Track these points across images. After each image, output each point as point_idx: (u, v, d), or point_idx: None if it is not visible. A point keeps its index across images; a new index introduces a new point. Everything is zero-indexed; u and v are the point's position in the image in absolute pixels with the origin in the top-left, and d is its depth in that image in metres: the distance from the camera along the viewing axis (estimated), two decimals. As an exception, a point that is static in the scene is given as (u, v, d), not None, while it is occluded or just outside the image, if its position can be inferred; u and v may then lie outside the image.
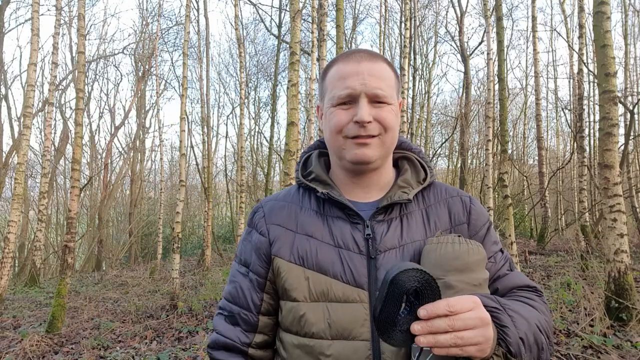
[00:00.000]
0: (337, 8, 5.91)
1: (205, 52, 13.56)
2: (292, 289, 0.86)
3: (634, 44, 15.37)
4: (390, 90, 0.88)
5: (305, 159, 1.03)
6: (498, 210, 10.05)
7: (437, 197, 0.96)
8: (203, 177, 12.54)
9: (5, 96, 14.04)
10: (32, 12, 6.86)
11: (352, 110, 0.87)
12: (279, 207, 0.96)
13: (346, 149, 0.88)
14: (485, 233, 0.94)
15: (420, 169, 0.98)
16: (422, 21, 16.31)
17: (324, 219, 0.91)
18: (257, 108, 19.76)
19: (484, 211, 0.97)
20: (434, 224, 0.91)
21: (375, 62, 0.89)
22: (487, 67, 7.58)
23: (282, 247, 0.89)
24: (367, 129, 0.85)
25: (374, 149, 0.87)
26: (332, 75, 0.92)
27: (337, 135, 0.89)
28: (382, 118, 0.86)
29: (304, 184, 0.96)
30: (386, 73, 0.89)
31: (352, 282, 0.83)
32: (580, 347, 3.37)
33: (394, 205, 0.90)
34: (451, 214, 0.93)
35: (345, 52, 0.94)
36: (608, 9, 4.12)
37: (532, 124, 17.64)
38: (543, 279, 6.48)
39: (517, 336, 0.72)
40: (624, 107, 7.48)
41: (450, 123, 17.03)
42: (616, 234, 3.85)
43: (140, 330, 5.10)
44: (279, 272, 0.88)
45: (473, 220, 0.94)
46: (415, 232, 0.89)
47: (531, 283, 0.92)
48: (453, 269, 0.78)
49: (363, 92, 0.86)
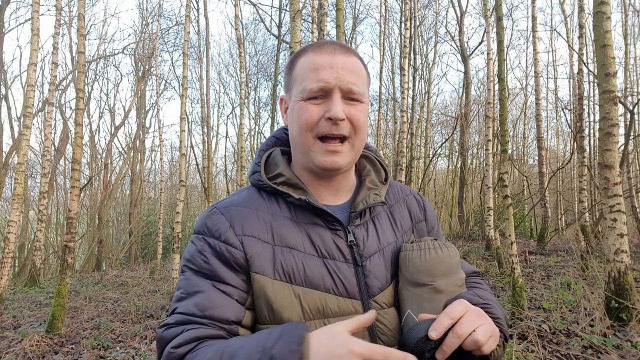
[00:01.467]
0: (337, 8, 5.90)
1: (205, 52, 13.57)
2: (283, 309, 0.76)
3: (634, 44, 15.38)
4: (363, 88, 0.83)
5: (266, 157, 0.92)
6: (498, 210, 10.03)
7: (396, 197, 0.97)
8: (203, 177, 12.54)
9: (5, 96, 14.04)
10: (32, 12, 6.86)
11: (324, 105, 0.80)
12: (246, 215, 0.82)
13: (314, 151, 0.82)
14: (437, 227, 0.99)
15: (380, 168, 0.96)
16: (422, 21, 16.31)
17: (300, 227, 0.82)
18: (257, 108, 19.80)
19: (432, 207, 1.02)
20: (400, 224, 0.92)
21: (349, 56, 0.83)
22: (487, 67, 7.59)
23: (264, 264, 0.78)
24: (339, 127, 0.79)
25: (344, 156, 0.82)
26: (302, 65, 0.83)
27: (307, 134, 0.81)
28: (355, 118, 0.81)
29: (270, 187, 0.85)
30: (360, 69, 0.84)
31: (345, 294, 0.79)
32: (580, 347, 3.37)
33: (367, 209, 0.88)
34: (411, 213, 0.96)
35: (316, 42, 0.87)
36: (608, 9, 4.12)
37: (532, 124, 17.64)
38: (543, 279, 6.47)
39: (505, 323, 0.78)
40: (624, 107, 7.48)
41: (450, 123, 17.03)
42: (616, 234, 3.85)
43: (140, 330, 5.10)
44: (263, 292, 0.77)
45: (428, 216, 0.98)
46: (387, 234, 0.89)
47: (475, 268, 0.99)
48: (440, 273, 0.80)
49: (337, 86, 0.79)
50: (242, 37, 14.16)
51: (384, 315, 0.81)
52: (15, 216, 6.66)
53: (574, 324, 3.94)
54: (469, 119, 14.68)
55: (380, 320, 0.81)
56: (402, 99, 8.96)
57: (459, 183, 16.03)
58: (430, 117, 17.36)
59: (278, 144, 0.95)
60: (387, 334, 0.81)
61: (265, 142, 0.96)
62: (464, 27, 15.33)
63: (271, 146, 0.94)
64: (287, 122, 0.89)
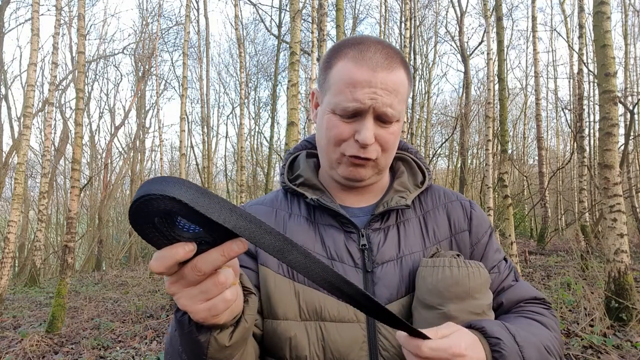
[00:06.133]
0: (337, 8, 5.91)
1: (205, 52, 13.58)
2: (280, 305, 0.75)
3: (634, 44, 15.39)
4: (401, 106, 0.78)
5: (292, 160, 0.93)
6: (498, 210, 10.04)
7: (435, 202, 0.88)
8: (203, 177, 12.54)
9: (5, 96, 14.04)
10: (32, 12, 6.85)
11: (355, 125, 0.76)
12: (264, 213, 0.86)
13: (341, 164, 0.80)
14: (487, 240, 0.86)
15: (418, 171, 0.90)
16: (422, 21, 16.31)
17: (315, 227, 0.82)
18: (257, 108, 19.78)
19: (485, 216, 0.89)
20: (433, 232, 0.83)
21: (392, 70, 0.76)
22: (487, 67, 7.58)
23: (269, 257, 0.78)
24: (367, 151, 0.77)
25: (369, 170, 0.80)
26: (339, 73, 0.77)
27: (335, 148, 0.79)
28: (384, 140, 0.77)
29: (291, 189, 0.86)
30: (401, 84, 0.77)
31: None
32: (580, 347, 3.37)
33: (390, 212, 0.83)
34: (451, 221, 0.86)
35: (358, 42, 0.78)
36: (608, 9, 4.12)
37: (532, 124, 17.65)
38: (543, 279, 6.48)
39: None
40: (624, 107, 7.47)
41: (450, 123, 17.03)
42: (616, 234, 3.85)
43: (140, 330, 5.10)
44: (264, 283, 0.77)
45: (474, 226, 0.86)
46: (413, 242, 0.81)
47: (539, 295, 0.84)
48: (453, 296, 0.71)
49: (372, 107, 0.74)
50: (242, 37, 14.16)
51: (389, 329, 0.74)
52: (15, 216, 6.66)
53: (574, 324, 3.94)
54: (469, 119, 14.67)
55: (383, 334, 0.74)
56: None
57: (459, 183, 16.02)
58: (430, 117, 17.36)
59: (308, 147, 0.94)
60: (391, 351, 0.74)
61: (295, 146, 0.96)
62: (464, 27, 15.32)
63: (300, 149, 0.94)
64: (315, 120, 0.86)
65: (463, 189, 15.78)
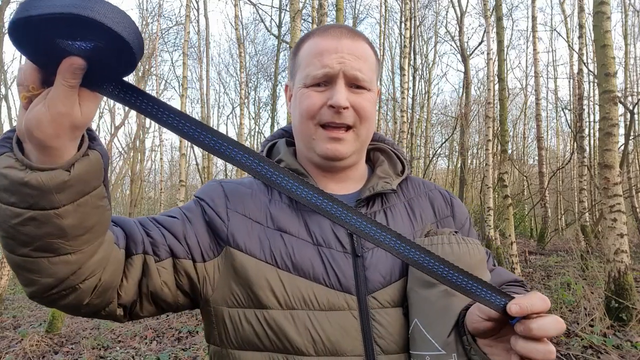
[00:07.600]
0: (337, 8, 5.90)
1: (205, 52, 13.59)
2: (263, 290, 0.71)
3: (634, 44, 15.42)
4: (370, 74, 0.79)
5: (269, 147, 0.90)
6: (498, 210, 10.04)
7: (416, 190, 0.89)
8: (203, 177, 12.55)
9: (5, 96, 14.05)
10: (32, 12, 6.84)
11: (327, 92, 0.76)
12: (243, 193, 0.80)
13: (317, 139, 0.78)
14: (469, 227, 0.89)
15: (397, 161, 0.90)
16: (422, 21, 16.32)
17: (298, 213, 0.78)
18: (257, 108, 19.79)
19: (462, 204, 0.93)
20: (420, 216, 0.84)
21: (356, 40, 0.78)
22: (487, 67, 7.58)
23: (251, 243, 0.74)
24: (342, 116, 0.75)
25: (348, 144, 0.78)
26: (306, 50, 0.79)
27: (308, 122, 0.78)
28: (360, 106, 0.77)
29: None
30: (368, 54, 0.79)
31: (337, 286, 0.72)
32: (580, 347, 3.37)
33: (375, 197, 0.82)
34: (434, 207, 0.87)
35: (323, 26, 0.83)
36: (608, 9, 4.12)
37: (532, 124, 17.67)
38: (543, 279, 6.48)
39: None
40: (624, 107, 7.47)
41: (450, 123, 17.04)
42: (616, 234, 3.85)
43: (140, 330, 5.10)
44: (244, 272, 0.73)
45: (457, 213, 0.88)
46: (401, 225, 0.81)
47: (518, 277, 0.89)
48: None
49: (341, 71, 0.75)
50: (242, 37, 14.17)
51: (384, 315, 0.72)
52: (15, 216, 6.65)
53: (574, 324, 3.94)
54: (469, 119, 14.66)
55: (378, 321, 0.71)
56: (402, 99, 8.97)
57: (459, 183, 16.02)
58: (430, 117, 17.38)
59: (285, 135, 0.92)
60: (386, 338, 0.71)
61: (272, 134, 0.94)
62: (464, 27, 15.32)
63: (277, 137, 0.92)
64: (292, 110, 0.85)
65: (463, 189, 15.77)
